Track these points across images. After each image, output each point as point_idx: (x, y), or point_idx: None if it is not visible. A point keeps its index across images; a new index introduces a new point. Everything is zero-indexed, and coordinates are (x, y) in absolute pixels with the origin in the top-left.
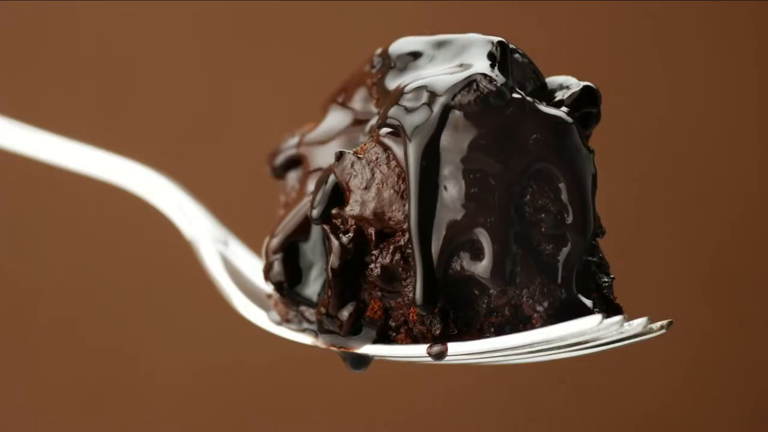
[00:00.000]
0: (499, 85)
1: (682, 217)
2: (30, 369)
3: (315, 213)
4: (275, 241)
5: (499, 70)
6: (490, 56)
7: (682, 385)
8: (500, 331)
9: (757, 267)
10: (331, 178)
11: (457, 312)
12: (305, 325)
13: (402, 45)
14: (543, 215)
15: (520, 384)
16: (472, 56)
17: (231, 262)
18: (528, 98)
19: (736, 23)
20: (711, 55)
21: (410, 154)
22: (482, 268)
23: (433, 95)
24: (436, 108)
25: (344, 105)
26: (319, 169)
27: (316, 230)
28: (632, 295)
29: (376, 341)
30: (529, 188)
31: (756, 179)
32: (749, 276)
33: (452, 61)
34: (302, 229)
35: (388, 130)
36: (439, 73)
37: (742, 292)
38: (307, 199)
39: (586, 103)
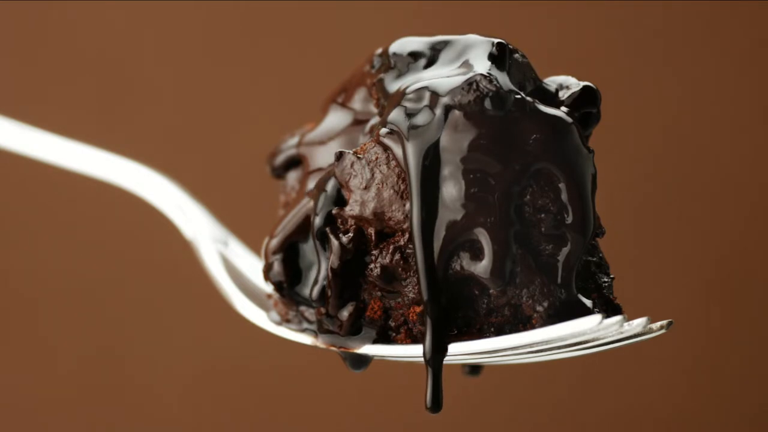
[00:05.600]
0: (498, 85)
1: (682, 216)
2: (29, 369)
3: (317, 221)
4: (275, 242)
5: (499, 70)
6: (490, 57)
7: (682, 385)
8: (500, 331)
9: (758, 266)
10: (331, 184)
11: (457, 312)
12: (305, 325)
13: (402, 45)
14: (543, 215)
15: (520, 384)
16: (472, 57)
17: (231, 262)
18: (528, 98)
19: (736, 23)
20: (712, 55)
21: (411, 154)
22: (482, 267)
23: (434, 96)
24: (437, 109)
25: (344, 105)
26: (319, 169)
27: None
28: (632, 295)
29: (376, 341)
30: (529, 188)
31: (756, 179)
32: (749, 276)
33: (452, 62)
34: (302, 229)
35: (388, 130)
36: (440, 74)
37: (742, 292)
38: (306, 200)
39: (585, 103)
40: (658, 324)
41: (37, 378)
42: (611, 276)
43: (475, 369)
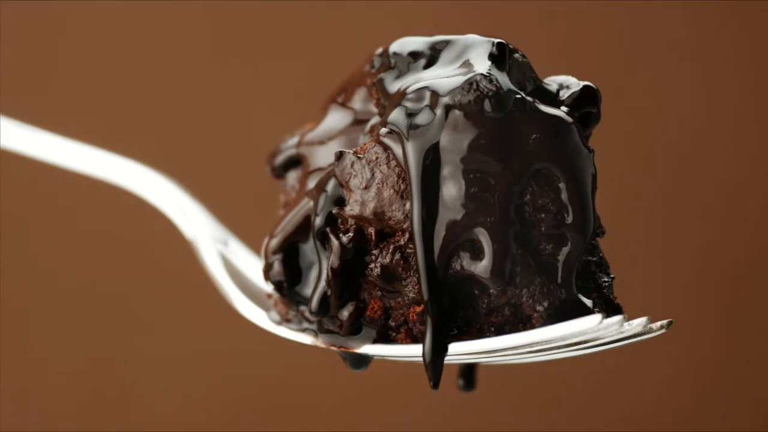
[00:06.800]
0: (499, 85)
1: (682, 216)
2: (28, 369)
3: (318, 221)
4: (275, 242)
5: (499, 70)
6: (490, 57)
7: (682, 386)
8: (500, 331)
9: (757, 266)
10: (332, 184)
11: (457, 312)
12: (305, 324)
13: (402, 45)
14: (543, 215)
15: (520, 384)
16: (472, 57)
17: (231, 262)
18: (528, 98)
19: (736, 23)
20: (711, 55)
21: (411, 154)
22: (482, 267)
23: (434, 96)
24: (437, 109)
25: (344, 105)
26: (319, 169)
27: None
28: (632, 295)
29: (376, 341)
30: (529, 188)
31: (756, 179)
32: (749, 275)
33: (452, 62)
34: (302, 229)
35: (388, 130)
36: (440, 74)
37: (742, 292)
38: (306, 200)
39: (586, 103)
40: (658, 324)
41: (35, 378)
42: (611, 276)
43: (469, 384)
